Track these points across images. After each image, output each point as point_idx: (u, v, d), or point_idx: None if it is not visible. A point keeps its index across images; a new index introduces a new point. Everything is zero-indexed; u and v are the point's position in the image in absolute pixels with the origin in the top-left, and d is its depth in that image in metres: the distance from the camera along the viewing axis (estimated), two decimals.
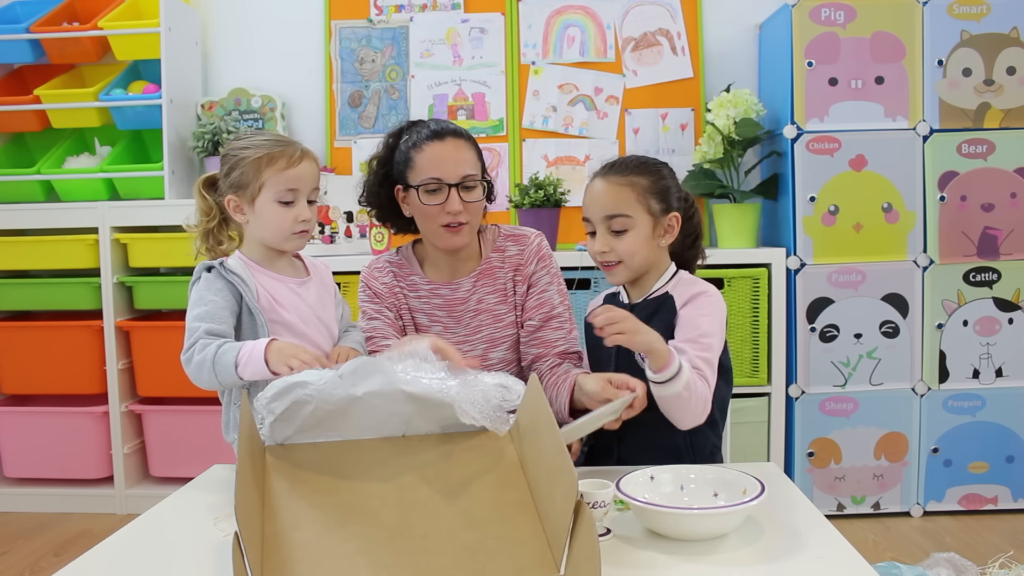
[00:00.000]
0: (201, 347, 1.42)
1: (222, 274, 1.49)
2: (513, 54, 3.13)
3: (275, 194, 1.49)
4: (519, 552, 0.95)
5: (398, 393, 1.09)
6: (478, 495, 1.03)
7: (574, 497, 0.89)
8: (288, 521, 0.98)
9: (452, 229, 1.62)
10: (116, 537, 1.22)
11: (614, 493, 1.16)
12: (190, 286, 1.52)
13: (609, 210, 1.51)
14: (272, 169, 1.49)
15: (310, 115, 3.21)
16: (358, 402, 1.08)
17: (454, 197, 1.60)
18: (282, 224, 1.50)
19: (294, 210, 1.50)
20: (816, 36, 2.68)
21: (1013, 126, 2.70)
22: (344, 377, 1.08)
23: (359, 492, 1.03)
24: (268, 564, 0.92)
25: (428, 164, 1.61)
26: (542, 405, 1.03)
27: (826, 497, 2.75)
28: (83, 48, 3.02)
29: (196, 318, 1.45)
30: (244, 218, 1.52)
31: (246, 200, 1.51)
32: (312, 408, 1.08)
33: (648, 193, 1.51)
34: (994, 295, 2.71)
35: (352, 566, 0.93)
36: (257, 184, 1.49)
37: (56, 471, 2.98)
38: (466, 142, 1.65)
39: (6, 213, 2.94)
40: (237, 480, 0.89)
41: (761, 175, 2.98)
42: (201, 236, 1.57)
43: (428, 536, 0.97)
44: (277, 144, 1.51)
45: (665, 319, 1.49)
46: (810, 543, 1.13)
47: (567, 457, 0.93)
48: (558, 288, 1.72)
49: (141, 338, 2.92)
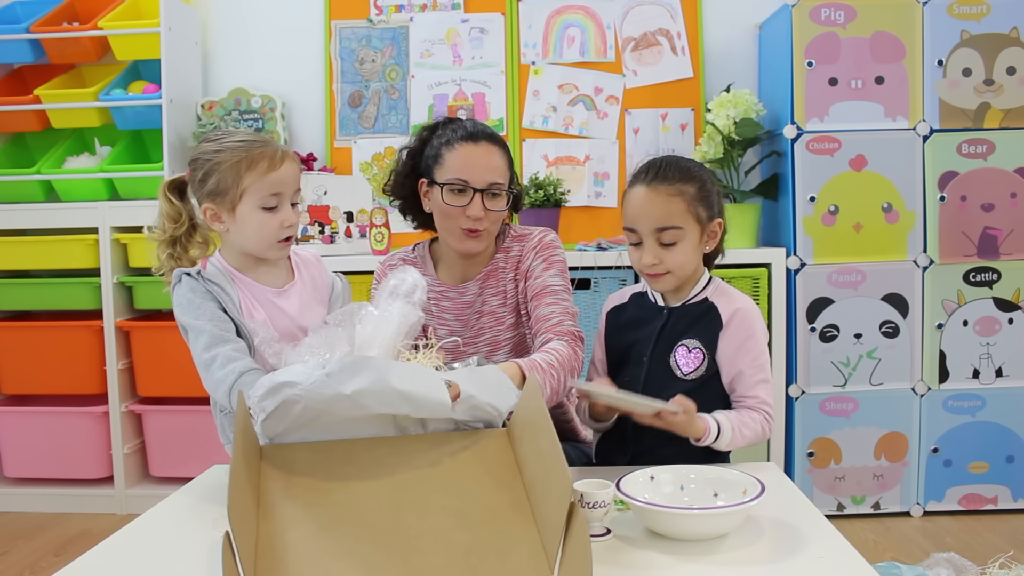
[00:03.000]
0: (223, 361, 1.35)
1: (200, 283, 1.43)
2: (513, 54, 3.13)
3: (258, 200, 1.40)
4: (513, 553, 0.95)
5: (389, 392, 1.07)
6: (473, 495, 1.03)
7: (568, 499, 0.89)
8: (282, 521, 0.98)
9: (471, 234, 1.60)
10: (116, 537, 1.21)
11: (614, 493, 1.16)
12: (171, 291, 1.46)
13: (660, 222, 1.46)
14: (253, 173, 1.39)
15: (310, 115, 3.21)
16: (347, 400, 1.06)
17: (477, 202, 1.57)
18: (267, 232, 1.41)
19: (279, 215, 1.42)
20: (816, 36, 2.68)
21: (1013, 126, 2.69)
22: (332, 376, 1.05)
23: (353, 492, 1.03)
24: (261, 564, 0.92)
25: (457, 164, 1.58)
26: (539, 406, 1.03)
27: (826, 497, 2.75)
28: (83, 48, 3.02)
29: (197, 318, 1.41)
30: (223, 227, 1.43)
31: (225, 208, 1.41)
32: (302, 407, 1.07)
33: (696, 202, 1.48)
34: (994, 295, 2.71)
35: (345, 566, 0.93)
36: (238, 191, 1.39)
37: (56, 471, 2.98)
38: (499, 149, 1.62)
39: (6, 213, 2.94)
40: (231, 480, 0.89)
41: (761, 175, 2.98)
42: (166, 244, 1.47)
43: (422, 536, 0.97)
44: (254, 145, 1.41)
45: (710, 330, 1.49)
46: (810, 543, 1.13)
47: (562, 459, 0.93)
48: (558, 271, 1.65)
49: (141, 338, 2.92)
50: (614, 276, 2.69)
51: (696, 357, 1.49)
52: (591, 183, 3.09)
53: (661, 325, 1.53)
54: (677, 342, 1.51)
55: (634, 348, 1.55)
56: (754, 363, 1.48)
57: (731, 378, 1.50)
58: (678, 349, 1.51)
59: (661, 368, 1.51)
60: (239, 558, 0.85)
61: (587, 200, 3.08)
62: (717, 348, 1.49)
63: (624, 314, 1.62)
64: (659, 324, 1.53)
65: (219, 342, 1.38)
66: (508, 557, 0.95)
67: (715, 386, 1.50)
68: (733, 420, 1.44)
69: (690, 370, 1.49)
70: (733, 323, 1.49)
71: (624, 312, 1.62)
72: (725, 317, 1.49)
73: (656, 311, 1.56)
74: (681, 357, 1.50)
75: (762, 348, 1.49)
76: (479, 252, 1.65)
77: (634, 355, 1.55)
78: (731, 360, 1.49)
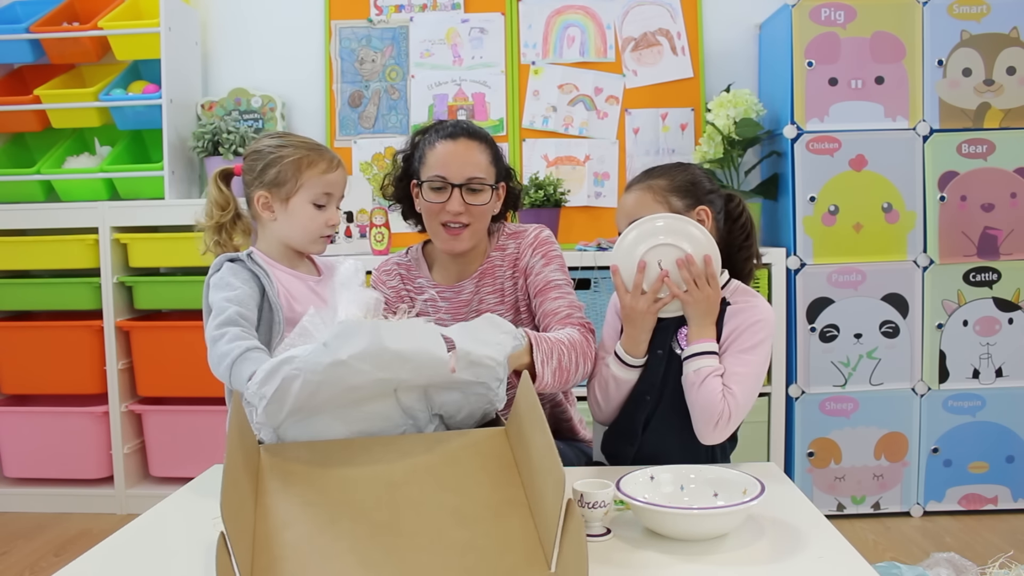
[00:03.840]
0: (231, 337, 1.39)
1: (247, 265, 1.50)
2: (513, 54, 3.13)
3: (312, 196, 1.52)
4: (510, 550, 0.95)
5: (385, 352, 1.06)
6: (471, 493, 1.03)
7: (562, 495, 0.89)
8: (279, 519, 0.98)
9: (451, 231, 1.61)
10: (116, 537, 1.21)
11: (614, 493, 1.16)
12: (208, 276, 1.52)
13: (632, 217, 1.52)
14: (312, 171, 1.51)
15: (310, 115, 3.21)
16: (344, 367, 1.05)
17: (455, 197, 1.59)
18: (313, 226, 1.54)
19: (326, 214, 1.54)
20: (816, 36, 2.68)
21: (1013, 126, 2.70)
22: (328, 345, 1.06)
23: (351, 490, 1.03)
24: (258, 563, 0.92)
25: (436, 162, 1.61)
26: (533, 402, 1.03)
27: (826, 497, 2.75)
28: (83, 48, 3.02)
29: (226, 300, 1.43)
30: (272, 216, 1.53)
31: (279, 198, 1.52)
32: (301, 382, 1.06)
33: (667, 192, 1.54)
34: (994, 295, 2.71)
35: (342, 565, 0.93)
36: (295, 184, 1.51)
37: (56, 471, 2.98)
38: (480, 144, 1.63)
39: (6, 213, 2.94)
40: (224, 478, 0.88)
41: (761, 175, 2.98)
42: (213, 230, 1.57)
43: (419, 534, 0.97)
44: (315, 148, 1.55)
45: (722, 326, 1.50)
46: (810, 543, 1.13)
47: (556, 455, 0.93)
48: (558, 267, 1.67)
49: (141, 338, 2.92)
50: None
51: None
52: (591, 183, 3.09)
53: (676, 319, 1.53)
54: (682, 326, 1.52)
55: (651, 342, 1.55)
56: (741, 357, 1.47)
57: None
58: (681, 330, 1.52)
59: (670, 356, 1.52)
60: (234, 557, 0.85)
61: (587, 200, 3.08)
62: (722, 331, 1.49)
63: None
64: (673, 322, 1.53)
65: (232, 323, 1.42)
66: (505, 554, 0.94)
67: None
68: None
69: None
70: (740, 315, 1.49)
71: None
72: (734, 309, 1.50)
73: None
74: (684, 339, 1.51)
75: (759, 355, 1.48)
76: (464, 251, 1.66)
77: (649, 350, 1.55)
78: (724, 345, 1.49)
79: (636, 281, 1.49)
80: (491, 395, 1.18)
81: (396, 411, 1.14)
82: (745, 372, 1.46)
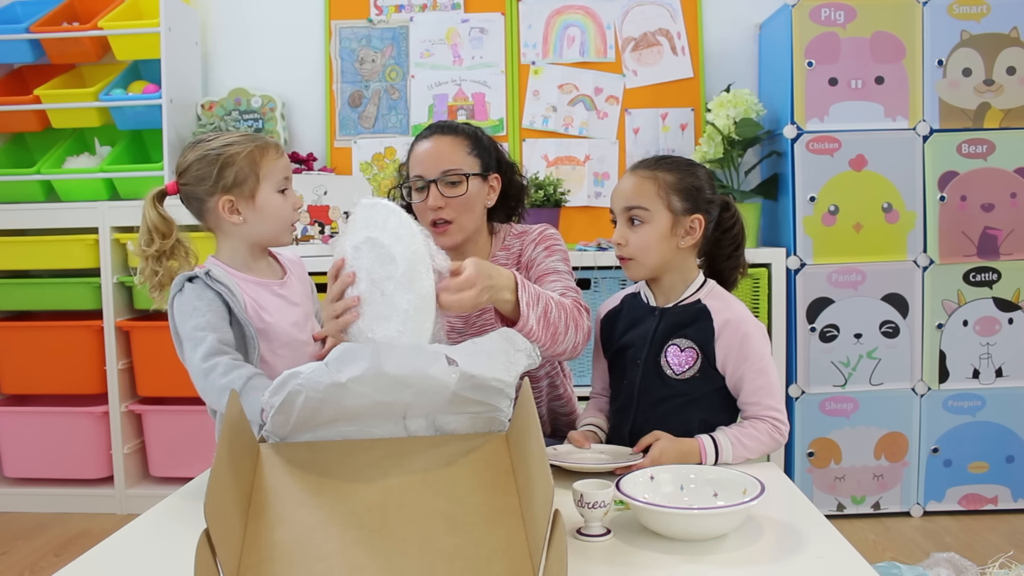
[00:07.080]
0: (224, 368, 1.35)
1: (208, 284, 1.42)
2: (513, 54, 3.13)
3: (275, 184, 1.47)
4: (499, 559, 0.94)
5: (383, 377, 1.06)
6: (465, 500, 1.02)
7: (550, 506, 0.89)
8: (271, 519, 0.98)
9: (436, 229, 1.60)
10: (116, 537, 1.21)
11: (614, 493, 1.16)
12: (170, 299, 1.44)
13: (628, 201, 1.50)
14: (267, 160, 1.46)
15: (310, 115, 3.21)
16: (343, 389, 1.05)
17: (433, 192, 1.59)
18: (284, 214, 1.48)
19: (291, 198, 1.50)
20: (816, 36, 2.68)
21: (1013, 126, 2.70)
22: (330, 364, 1.05)
23: (345, 493, 1.02)
24: (245, 562, 0.92)
25: (414, 162, 1.63)
26: (531, 409, 1.02)
27: (826, 497, 2.75)
28: (83, 48, 3.02)
29: (198, 328, 1.38)
30: (240, 218, 1.46)
31: (243, 197, 1.45)
32: (303, 398, 1.06)
33: (671, 189, 1.49)
34: (994, 295, 2.71)
35: (327, 568, 0.92)
36: (257, 178, 1.45)
37: (56, 471, 2.98)
38: (455, 137, 1.63)
39: (6, 213, 2.94)
40: (211, 477, 0.88)
41: (761, 175, 2.98)
42: (151, 259, 1.45)
43: (408, 539, 0.96)
44: (257, 138, 1.49)
45: (703, 332, 1.48)
46: (810, 543, 1.13)
47: (547, 465, 0.92)
48: (560, 258, 1.65)
49: (141, 338, 2.92)
50: (614, 276, 2.68)
51: (688, 357, 1.48)
52: (591, 183, 3.09)
53: (654, 327, 1.52)
54: (668, 342, 1.50)
55: (629, 351, 1.55)
56: (753, 367, 1.46)
57: (734, 386, 1.49)
58: (669, 348, 1.50)
59: (655, 370, 1.51)
60: (219, 557, 0.85)
61: (587, 200, 3.08)
62: (715, 356, 1.48)
63: (618, 317, 1.61)
64: (652, 326, 1.52)
65: (218, 352, 1.38)
66: (493, 563, 0.94)
67: (708, 387, 1.49)
68: (731, 434, 1.44)
69: (682, 370, 1.49)
70: (727, 331, 1.47)
71: (618, 315, 1.61)
72: (718, 323, 1.47)
73: (648, 311, 1.55)
74: (673, 357, 1.49)
75: (761, 352, 1.47)
76: (453, 246, 1.63)
77: (629, 358, 1.55)
78: (732, 369, 1.48)
79: None
80: (500, 416, 1.15)
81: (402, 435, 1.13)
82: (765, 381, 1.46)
